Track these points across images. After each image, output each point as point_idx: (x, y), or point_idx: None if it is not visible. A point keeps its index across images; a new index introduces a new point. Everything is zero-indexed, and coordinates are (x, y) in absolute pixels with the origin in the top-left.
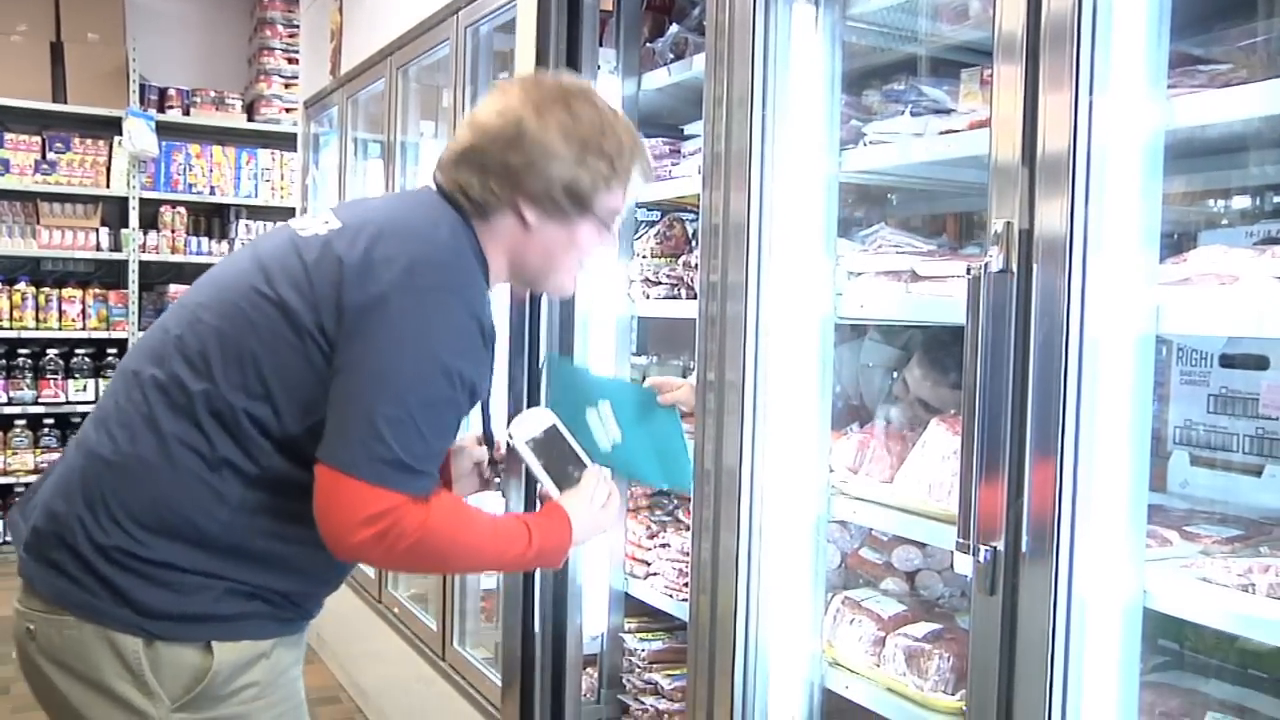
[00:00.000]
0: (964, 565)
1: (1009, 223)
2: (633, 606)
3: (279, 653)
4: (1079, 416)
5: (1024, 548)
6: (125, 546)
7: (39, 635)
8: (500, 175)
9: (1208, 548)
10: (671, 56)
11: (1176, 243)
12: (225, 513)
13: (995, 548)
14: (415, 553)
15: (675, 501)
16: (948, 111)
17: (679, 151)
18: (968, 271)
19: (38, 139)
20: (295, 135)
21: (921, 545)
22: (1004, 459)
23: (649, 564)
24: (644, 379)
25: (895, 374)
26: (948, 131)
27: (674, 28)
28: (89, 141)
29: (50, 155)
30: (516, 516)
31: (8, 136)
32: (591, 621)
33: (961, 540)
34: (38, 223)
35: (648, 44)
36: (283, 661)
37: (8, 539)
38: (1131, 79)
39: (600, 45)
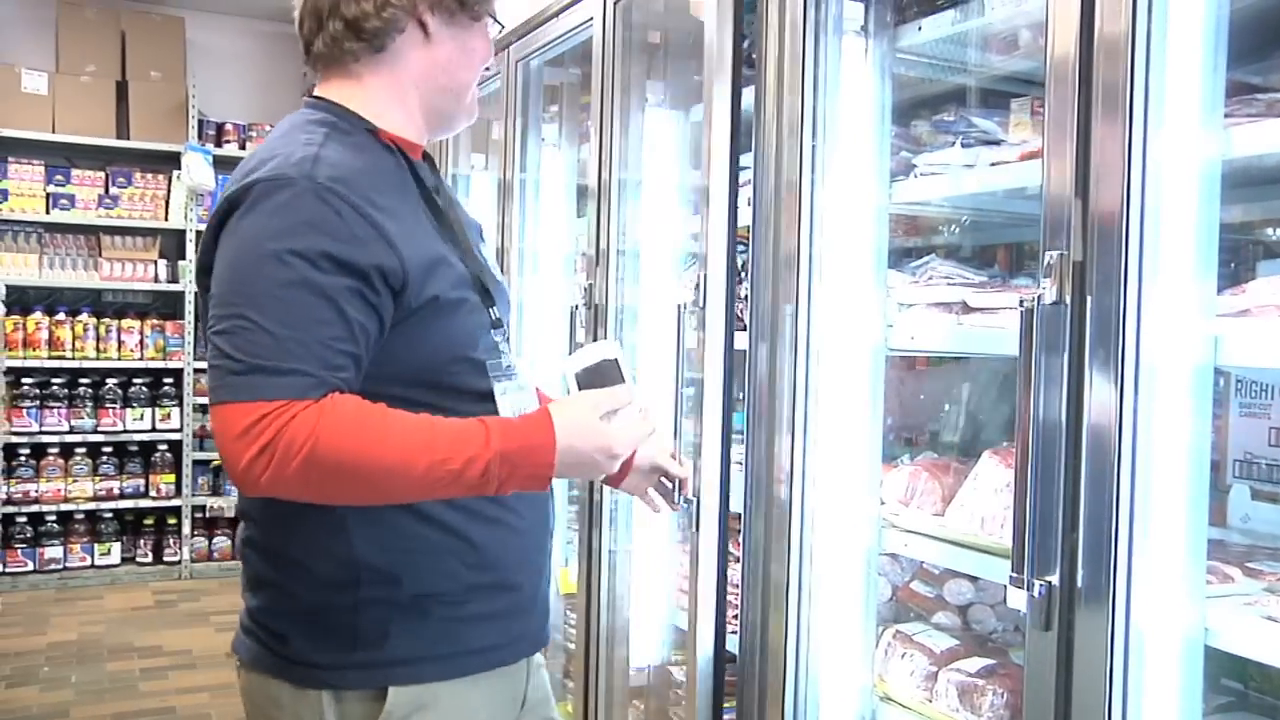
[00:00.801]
0: (1018, 600)
1: (1062, 254)
2: (682, 638)
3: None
4: (1135, 449)
5: (1080, 582)
6: None
7: None
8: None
9: (1272, 585)
10: None
11: (1234, 272)
12: None
13: (1050, 582)
14: (319, 467)
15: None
16: (998, 142)
17: None
18: (1020, 304)
19: (102, 174)
20: None
21: (974, 579)
22: (1058, 492)
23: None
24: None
25: (948, 406)
26: (999, 163)
27: None
28: (149, 176)
29: (113, 190)
30: (473, 418)
31: (74, 172)
32: (640, 653)
33: (1015, 574)
34: (100, 255)
35: (697, 76)
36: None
37: (49, 567)
38: (1187, 108)
39: (649, 78)
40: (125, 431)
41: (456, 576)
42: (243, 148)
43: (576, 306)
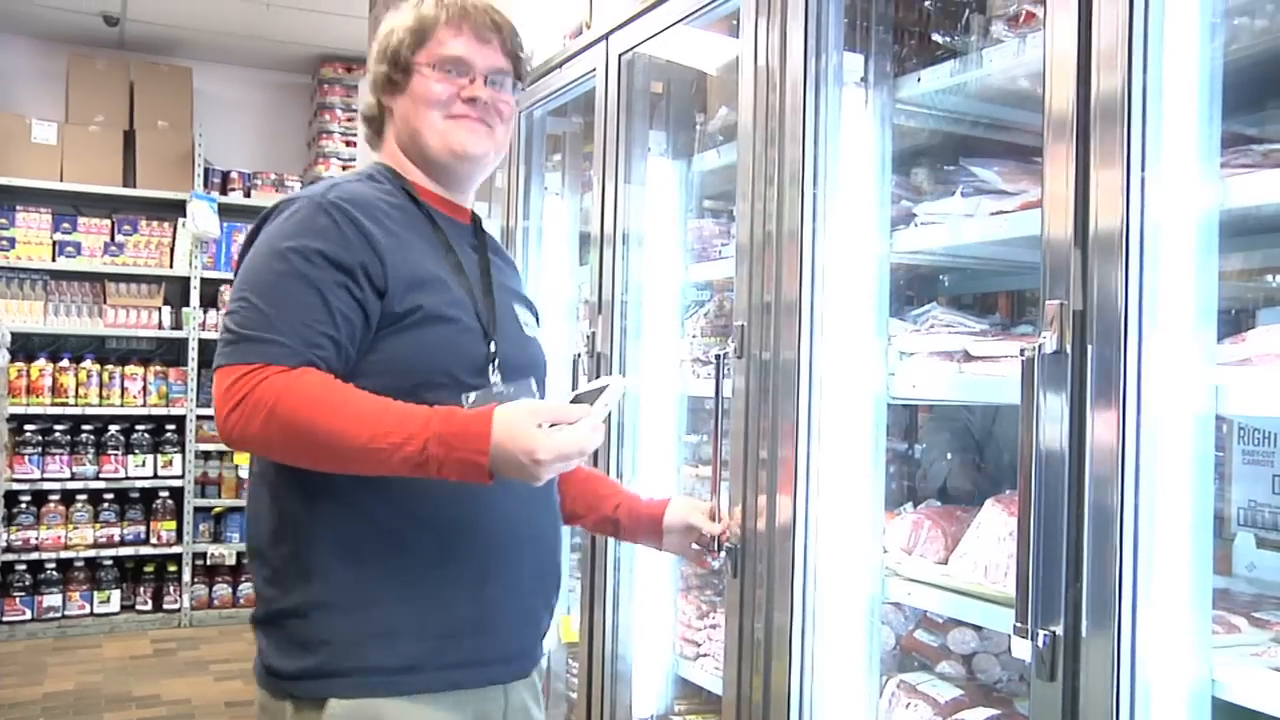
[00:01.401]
0: (1022, 650)
1: (1062, 304)
2: (684, 688)
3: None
4: (1138, 497)
5: (1084, 632)
6: None
7: None
8: (372, 87)
9: (1279, 635)
10: (721, 139)
11: (1235, 320)
12: None
13: (1054, 632)
14: (277, 424)
15: (726, 580)
16: (998, 192)
17: (729, 232)
18: (1022, 353)
19: (108, 222)
20: None
21: (978, 628)
22: (1062, 541)
23: (699, 644)
24: (694, 456)
25: (949, 455)
26: (999, 212)
27: (723, 110)
28: (155, 223)
29: (119, 237)
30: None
31: (81, 220)
32: (642, 702)
33: (1019, 624)
34: (105, 302)
35: (699, 127)
36: None
37: (47, 615)
38: (1184, 158)
39: (651, 128)
40: (127, 478)
41: (407, 589)
42: (247, 195)
43: (579, 354)
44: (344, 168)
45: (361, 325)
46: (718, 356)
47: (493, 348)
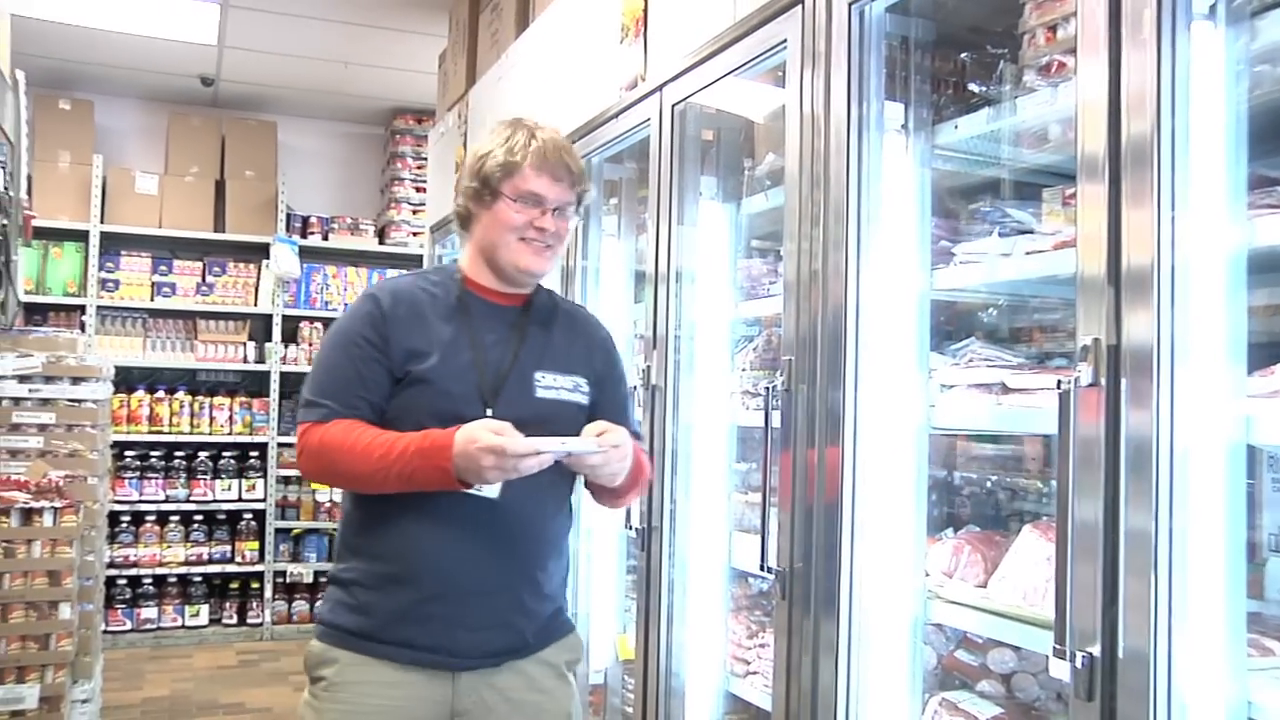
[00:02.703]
0: (1061, 670)
1: (1096, 339)
2: (734, 704)
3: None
4: (1172, 523)
5: (1121, 653)
6: None
7: None
8: (464, 193)
9: None
10: (769, 183)
11: (1264, 353)
12: None
13: (1092, 653)
14: (318, 459)
15: (775, 602)
16: (1032, 231)
17: (776, 271)
18: (1058, 385)
19: (199, 264)
20: (421, 257)
21: (1017, 648)
22: (1098, 565)
23: (749, 663)
24: (744, 483)
25: (989, 481)
26: (1034, 251)
27: (770, 156)
28: (241, 265)
29: (209, 278)
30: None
31: (176, 263)
32: (694, 717)
33: (1058, 645)
34: (195, 338)
35: (747, 172)
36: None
37: (145, 626)
38: (1212, 198)
39: (702, 173)
40: (215, 501)
41: (361, 573)
42: (325, 238)
43: (634, 387)
44: (414, 212)
45: (389, 383)
46: (766, 389)
47: (489, 411)
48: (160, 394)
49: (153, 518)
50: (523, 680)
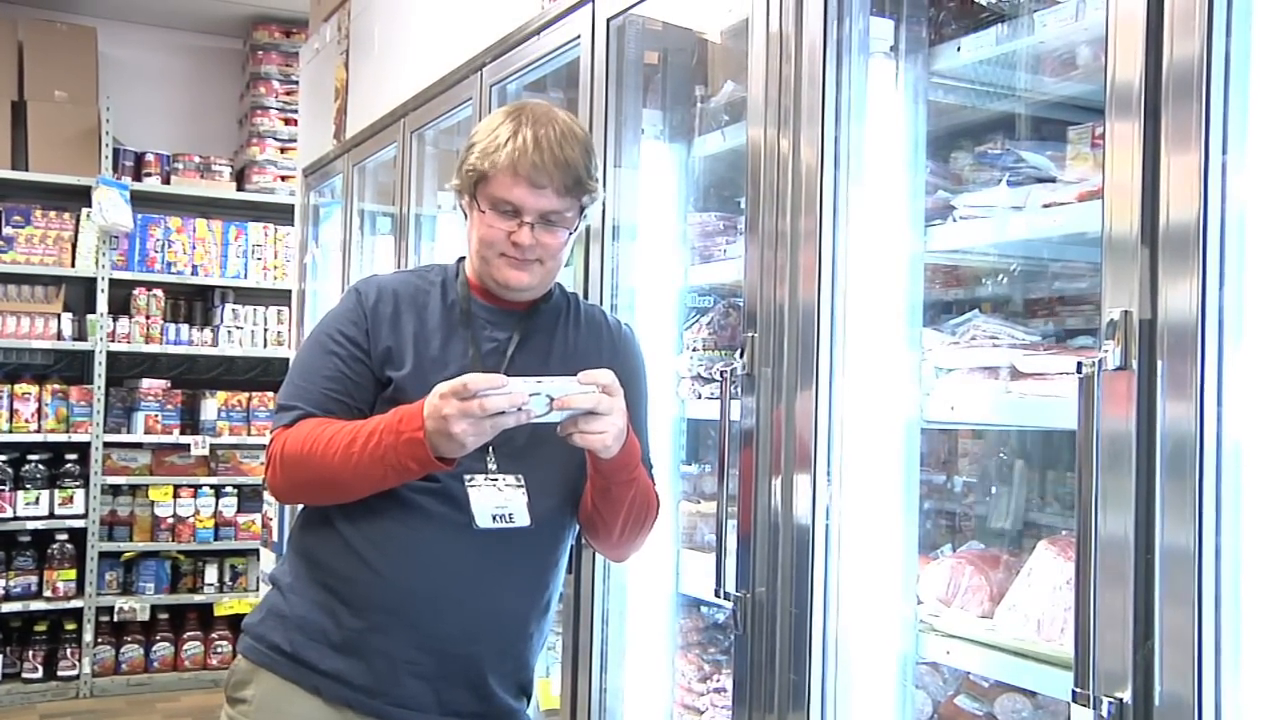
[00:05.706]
0: None
1: (1126, 311)
2: None
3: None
4: (1219, 539)
5: (1158, 699)
6: None
7: None
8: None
9: None
10: (726, 119)
11: None
12: None
13: (1121, 699)
14: (285, 469)
15: (731, 638)
16: (1052, 180)
17: (736, 228)
18: (1078, 369)
19: None
20: (292, 207)
21: (1031, 693)
22: (1129, 591)
23: (701, 711)
24: (694, 490)
25: (995, 487)
26: (1052, 204)
27: (729, 85)
28: (52, 214)
29: (7, 230)
30: None
31: None
32: None
33: (1079, 689)
34: None
35: (700, 104)
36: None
37: None
38: (1274, 138)
39: (645, 105)
40: (16, 519)
41: (304, 582)
42: (166, 182)
43: None
44: (282, 150)
45: (372, 384)
46: (723, 373)
47: None
48: None
49: None
50: None
